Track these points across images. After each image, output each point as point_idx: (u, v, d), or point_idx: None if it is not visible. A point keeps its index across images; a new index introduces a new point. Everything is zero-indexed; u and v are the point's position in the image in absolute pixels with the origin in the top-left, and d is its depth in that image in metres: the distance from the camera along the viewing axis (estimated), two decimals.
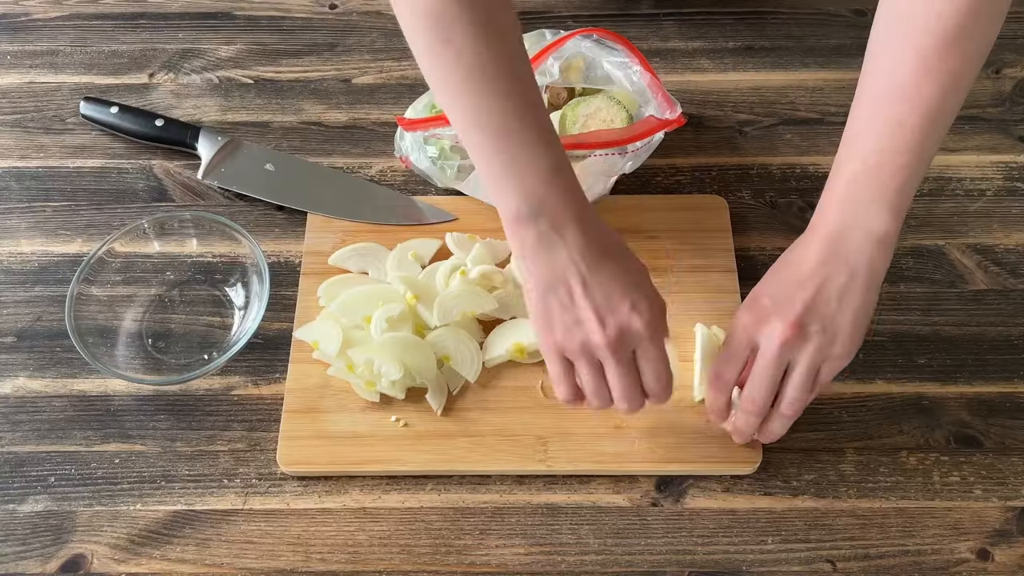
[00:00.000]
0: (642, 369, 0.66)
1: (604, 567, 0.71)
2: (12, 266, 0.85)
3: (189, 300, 0.83)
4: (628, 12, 1.03)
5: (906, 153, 0.63)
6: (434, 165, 0.86)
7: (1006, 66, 0.98)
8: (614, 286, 0.64)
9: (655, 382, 0.67)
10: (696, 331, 0.78)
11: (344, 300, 0.79)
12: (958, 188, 0.90)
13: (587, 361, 0.65)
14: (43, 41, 1.01)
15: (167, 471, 0.75)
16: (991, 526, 0.73)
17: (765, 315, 0.66)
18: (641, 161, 0.84)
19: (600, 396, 0.67)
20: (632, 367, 0.66)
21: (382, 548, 0.72)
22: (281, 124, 0.94)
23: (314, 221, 0.86)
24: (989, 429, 0.77)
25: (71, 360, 0.80)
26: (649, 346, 0.65)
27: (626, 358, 0.65)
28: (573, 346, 0.65)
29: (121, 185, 0.90)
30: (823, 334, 0.65)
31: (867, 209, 0.64)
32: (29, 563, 0.71)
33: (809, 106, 0.95)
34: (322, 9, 1.04)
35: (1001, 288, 0.84)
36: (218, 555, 0.72)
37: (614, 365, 0.65)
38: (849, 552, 0.72)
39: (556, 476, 0.75)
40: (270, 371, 0.79)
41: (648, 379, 0.67)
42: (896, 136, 0.63)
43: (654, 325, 0.64)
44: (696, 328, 0.78)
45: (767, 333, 0.65)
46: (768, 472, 0.75)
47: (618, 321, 0.63)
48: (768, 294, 0.67)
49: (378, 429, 0.75)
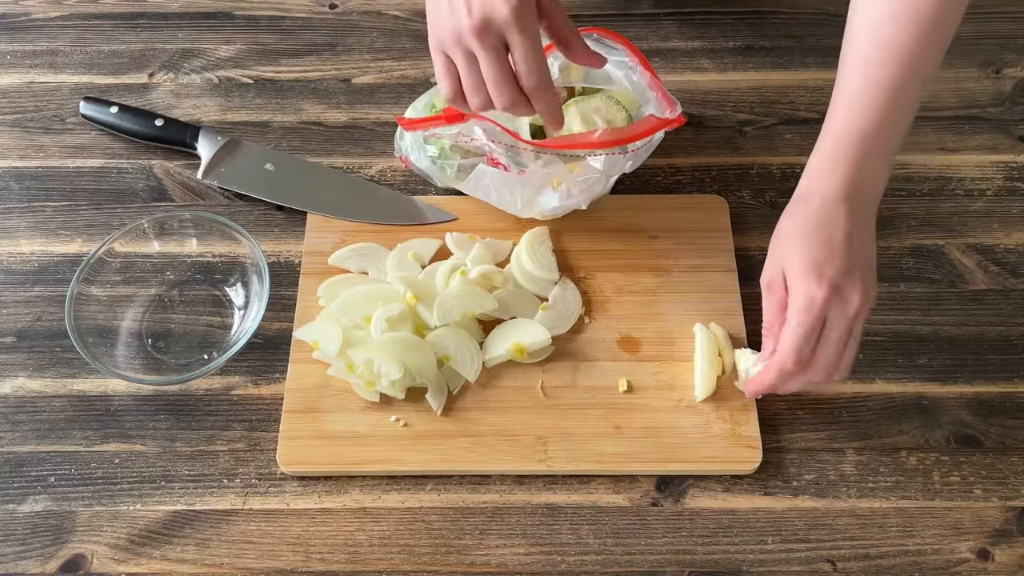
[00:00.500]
0: (514, 61, 0.67)
1: (604, 567, 0.71)
2: (12, 266, 0.85)
3: (189, 300, 0.83)
4: (628, 12, 1.03)
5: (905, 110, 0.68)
6: (434, 165, 0.86)
7: (1006, 66, 0.98)
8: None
9: (526, 74, 0.67)
10: (696, 331, 0.78)
11: (344, 300, 0.79)
12: (958, 188, 0.90)
13: (461, 52, 0.66)
14: (43, 41, 1.01)
15: (167, 471, 0.75)
16: (991, 526, 0.73)
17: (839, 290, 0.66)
18: (641, 161, 0.84)
19: (477, 91, 0.68)
20: (502, 56, 0.66)
21: (382, 548, 0.72)
22: (281, 124, 0.94)
23: (314, 221, 0.86)
24: (989, 429, 0.77)
25: (71, 360, 0.80)
26: (516, 36, 0.65)
27: (493, 45, 0.65)
28: (448, 37, 0.66)
29: (121, 185, 0.90)
30: (868, 297, 0.67)
31: (874, 169, 0.67)
32: (29, 563, 0.71)
33: (809, 106, 0.95)
34: (322, 9, 1.04)
35: (1001, 288, 0.84)
36: (218, 555, 0.72)
37: (482, 52, 0.66)
38: (849, 552, 0.72)
39: (556, 476, 0.75)
40: (270, 371, 0.79)
41: (520, 70, 0.67)
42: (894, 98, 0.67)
43: (519, 12, 0.64)
44: (695, 328, 0.78)
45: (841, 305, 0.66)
46: (768, 472, 0.75)
47: (483, 7, 0.64)
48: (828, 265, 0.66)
49: (378, 429, 0.75)
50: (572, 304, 0.81)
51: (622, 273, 0.83)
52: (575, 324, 0.80)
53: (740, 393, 0.76)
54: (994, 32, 1.01)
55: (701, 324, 0.78)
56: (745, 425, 0.75)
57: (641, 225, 0.86)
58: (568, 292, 0.81)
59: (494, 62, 0.66)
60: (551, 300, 0.81)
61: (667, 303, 0.82)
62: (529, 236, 0.83)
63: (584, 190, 0.81)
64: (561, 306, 0.81)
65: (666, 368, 0.78)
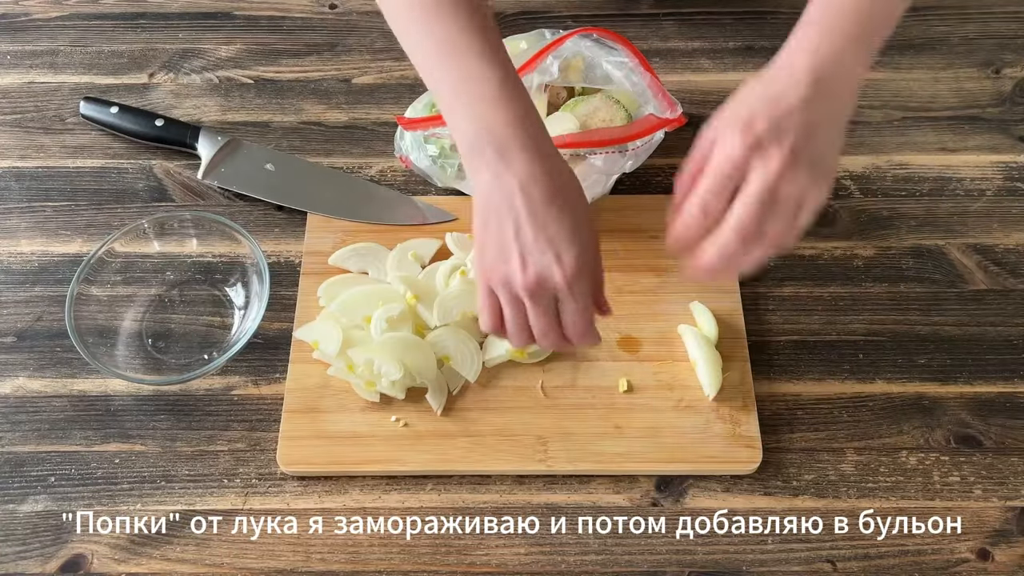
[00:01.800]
0: (561, 316, 0.65)
1: (604, 567, 0.71)
2: (12, 266, 0.85)
3: (189, 300, 0.83)
4: (628, 12, 1.03)
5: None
6: (434, 164, 0.86)
7: (1006, 66, 0.98)
8: (548, 231, 0.62)
9: (571, 329, 0.65)
10: (682, 333, 0.78)
11: (344, 300, 0.79)
12: (958, 188, 0.90)
13: (508, 296, 0.64)
14: (43, 41, 1.01)
15: (167, 471, 0.75)
16: (991, 526, 0.73)
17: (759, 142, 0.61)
18: (641, 160, 0.84)
19: (519, 333, 0.66)
20: (551, 310, 0.64)
21: (382, 548, 0.72)
22: (281, 124, 0.94)
23: (314, 221, 0.86)
24: (989, 429, 0.77)
25: (71, 360, 0.80)
26: (567, 298, 0.63)
27: (544, 302, 0.64)
28: (497, 278, 0.64)
29: (121, 185, 0.90)
30: (814, 168, 0.62)
31: (853, 48, 0.63)
32: (29, 563, 0.71)
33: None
34: (322, 9, 1.04)
35: (1001, 288, 0.84)
36: (218, 555, 0.72)
37: (532, 307, 0.64)
38: (849, 552, 0.72)
39: (556, 476, 0.75)
40: (270, 371, 0.79)
41: (566, 325, 0.65)
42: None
43: (574, 280, 0.62)
44: (681, 330, 0.78)
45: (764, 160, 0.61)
46: (768, 472, 0.75)
47: (538, 268, 0.62)
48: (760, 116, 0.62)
49: (378, 429, 0.75)
50: None
51: (622, 273, 0.83)
52: None
53: (740, 393, 0.76)
54: (994, 32, 1.01)
55: (685, 325, 0.78)
56: (745, 425, 0.75)
57: (641, 225, 0.86)
58: None
59: (542, 316, 0.64)
60: None
61: (667, 303, 0.82)
62: None
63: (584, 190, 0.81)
64: None
65: (666, 368, 0.78)
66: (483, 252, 0.64)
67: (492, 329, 0.66)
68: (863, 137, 0.93)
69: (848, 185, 0.90)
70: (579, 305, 0.64)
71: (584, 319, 0.65)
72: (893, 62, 0.98)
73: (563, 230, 0.62)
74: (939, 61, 0.99)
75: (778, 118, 0.61)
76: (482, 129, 0.62)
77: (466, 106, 0.63)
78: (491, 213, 0.63)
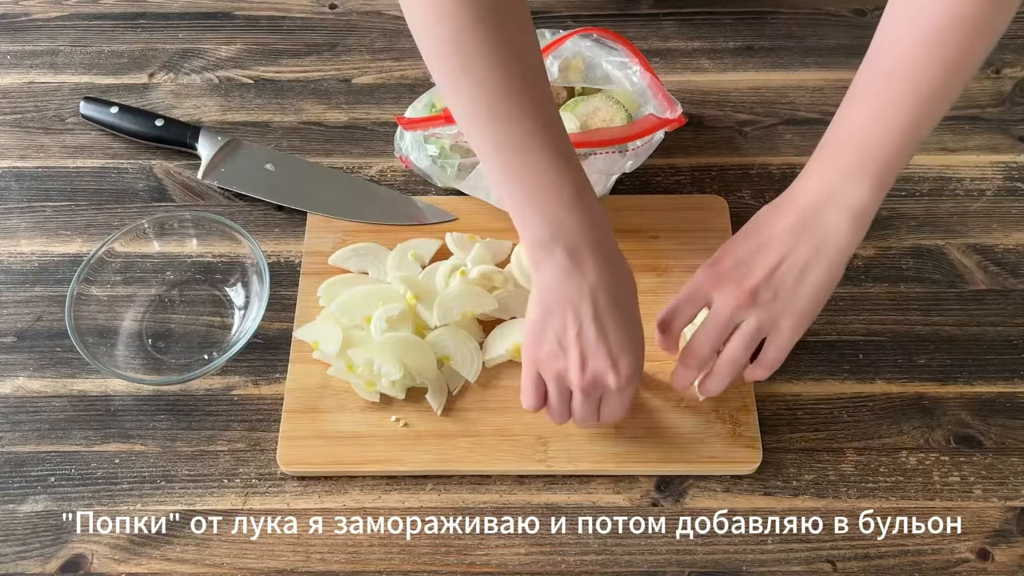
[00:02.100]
0: (603, 406, 0.69)
1: (604, 567, 0.71)
2: (12, 266, 0.85)
3: (189, 300, 0.83)
4: (628, 12, 1.03)
5: (896, 131, 0.63)
6: (434, 164, 0.86)
7: (1006, 66, 0.98)
8: (608, 338, 0.64)
9: (609, 417, 0.70)
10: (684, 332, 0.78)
11: (344, 300, 0.79)
12: (958, 188, 0.90)
13: (558, 386, 0.68)
14: (43, 41, 1.01)
15: (167, 471, 0.75)
16: (991, 526, 0.73)
17: (723, 276, 0.67)
18: (641, 160, 0.84)
19: (561, 417, 0.70)
20: (596, 402, 0.68)
21: (382, 548, 0.72)
22: (281, 124, 0.94)
23: (314, 221, 0.86)
24: (989, 429, 0.77)
25: (71, 360, 0.80)
26: (615, 397, 0.68)
27: (592, 399, 0.68)
28: (551, 370, 0.67)
29: (121, 185, 0.90)
30: (775, 303, 0.66)
31: (848, 180, 0.64)
32: (29, 563, 0.71)
33: (809, 106, 0.95)
34: (322, 9, 1.04)
35: (1001, 288, 0.84)
36: (218, 555, 0.72)
37: (581, 400, 0.67)
38: (849, 552, 0.72)
39: (556, 476, 0.75)
40: (270, 371, 0.79)
41: (603, 415, 0.70)
42: (889, 112, 0.63)
43: (626, 384, 0.66)
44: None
45: (722, 293, 0.67)
46: (768, 472, 0.75)
47: (596, 372, 0.65)
48: (732, 255, 0.68)
49: (378, 429, 0.75)
50: None
51: None
52: None
53: (740, 393, 0.76)
54: None
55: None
56: (745, 425, 0.75)
57: (641, 225, 0.86)
58: None
59: (587, 406, 0.68)
60: None
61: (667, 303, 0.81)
62: None
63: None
64: None
65: (666, 368, 0.78)
66: (539, 342, 0.66)
67: (534, 407, 0.70)
68: None
69: None
70: (623, 402, 0.69)
71: (621, 411, 0.70)
72: None
73: (623, 339, 0.65)
74: None
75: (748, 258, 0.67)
76: (557, 231, 0.63)
77: (540, 208, 0.63)
78: (555, 308, 0.64)
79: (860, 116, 0.65)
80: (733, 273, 0.67)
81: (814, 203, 0.65)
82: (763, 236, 0.67)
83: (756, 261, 0.66)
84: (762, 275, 0.66)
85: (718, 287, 0.67)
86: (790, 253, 0.65)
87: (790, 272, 0.66)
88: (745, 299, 0.66)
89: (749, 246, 0.67)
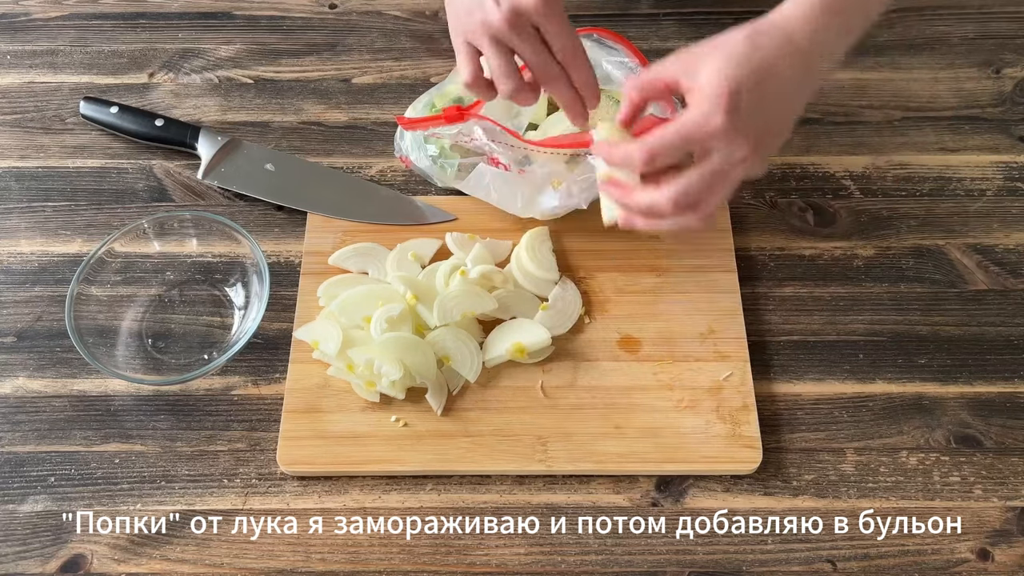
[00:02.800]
0: (550, 45, 0.67)
1: (604, 567, 0.71)
2: (12, 266, 0.85)
3: (189, 300, 0.83)
4: (628, 12, 1.03)
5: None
6: (434, 164, 0.86)
7: (1006, 66, 0.98)
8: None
9: (562, 53, 0.67)
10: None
11: (344, 300, 0.79)
12: (958, 188, 0.90)
13: (490, 41, 0.67)
14: (43, 41, 1.01)
15: (167, 471, 0.75)
16: (991, 526, 0.73)
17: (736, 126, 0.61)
18: None
19: (508, 77, 0.67)
20: (538, 42, 0.67)
21: (382, 548, 0.72)
22: (281, 124, 0.94)
23: (314, 221, 0.86)
24: (989, 429, 0.77)
25: (71, 360, 0.80)
26: (547, 23, 0.65)
27: (528, 33, 0.66)
28: (474, 28, 0.66)
29: (121, 185, 0.90)
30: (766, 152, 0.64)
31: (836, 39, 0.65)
32: (29, 563, 0.71)
33: (809, 106, 0.94)
34: (322, 9, 1.04)
35: (1001, 288, 0.84)
36: (218, 555, 0.72)
37: (519, 42, 0.66)
38: (849, 552, 0.72)
39: (556, 476, 0.75)
40: (270, 371, 0.79)
41: (555, 48, 0.67)
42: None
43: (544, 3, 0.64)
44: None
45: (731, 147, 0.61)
46: (768, 472, 0.75)
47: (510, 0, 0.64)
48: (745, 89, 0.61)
49: (378, 429, 0.75)
50: (572, 304, 0.81)
51: (622, 273, 0.83)
52: (575, 324, 0.80)
53: (740, 393, 0.76)
54: (994, 32, 1.01)
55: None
56: (745, 425, 0.75)
57: None
58: (568, 292, 0.81)
59: (530, 47, 0.66)
60: (551, 300, 0.81)
61: (667, 303, 0.82)
62: (529, 236, 0.83)
63: (584, 190, 0.81)
64: (561, 306, 0.81)
65: (666, 368, 0.78)
66: (455, 13, 0.68)
67: (472, 78, 0.68)
68: (863, 137, 0.93)
69: (848, 185, 0.90)
70: (563, 29, 0.66)
71: (570, 38, 0.66)
72: (893, 62, 0.98)
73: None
74: (939, 61, 0.98)
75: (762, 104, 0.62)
76: None
77: None
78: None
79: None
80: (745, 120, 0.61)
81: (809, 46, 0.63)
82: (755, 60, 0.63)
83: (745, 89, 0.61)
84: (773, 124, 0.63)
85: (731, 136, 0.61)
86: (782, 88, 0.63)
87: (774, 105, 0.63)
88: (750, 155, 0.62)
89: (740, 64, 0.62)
